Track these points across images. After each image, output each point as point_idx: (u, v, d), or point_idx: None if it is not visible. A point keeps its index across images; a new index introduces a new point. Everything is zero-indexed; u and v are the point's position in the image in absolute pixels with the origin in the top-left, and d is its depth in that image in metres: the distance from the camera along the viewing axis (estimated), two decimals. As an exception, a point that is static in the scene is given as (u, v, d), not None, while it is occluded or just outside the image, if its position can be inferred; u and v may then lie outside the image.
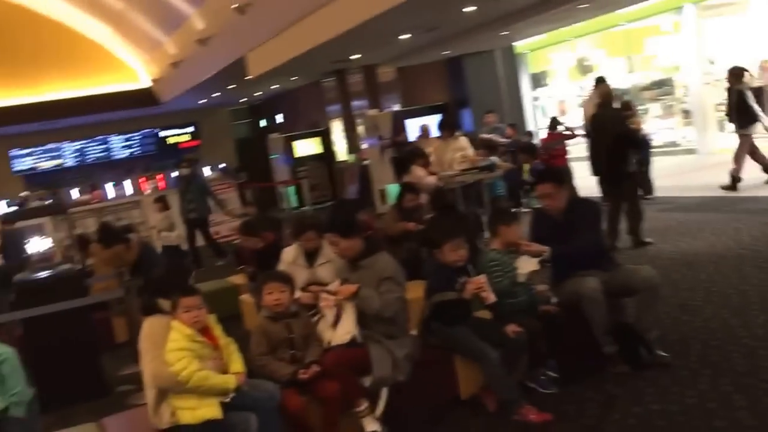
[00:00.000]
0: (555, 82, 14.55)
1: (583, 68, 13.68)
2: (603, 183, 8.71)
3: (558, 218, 5.08)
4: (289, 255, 6.02)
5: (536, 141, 12.59)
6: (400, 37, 11.73)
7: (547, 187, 5.08)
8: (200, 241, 12.55)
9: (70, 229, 7.16)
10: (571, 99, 13.89)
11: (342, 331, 4.57)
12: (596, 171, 8.69)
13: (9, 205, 21.42)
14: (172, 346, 3.99)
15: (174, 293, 4.13)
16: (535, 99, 15.09)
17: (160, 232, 12.03)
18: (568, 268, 4.94)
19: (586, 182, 11.10)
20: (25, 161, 22.48)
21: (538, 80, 14.97)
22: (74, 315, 6.33)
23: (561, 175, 5.28)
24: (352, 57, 13.98)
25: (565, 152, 11.26)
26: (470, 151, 11.04)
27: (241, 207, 13.02)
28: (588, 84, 12.28)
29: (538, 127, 15.03)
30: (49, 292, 6.41)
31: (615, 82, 10.30)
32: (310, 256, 5.86)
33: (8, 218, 7.26)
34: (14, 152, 22.25)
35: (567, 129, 11.61)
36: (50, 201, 19.64)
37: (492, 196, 10.39)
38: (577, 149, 11.58)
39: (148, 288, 4.78)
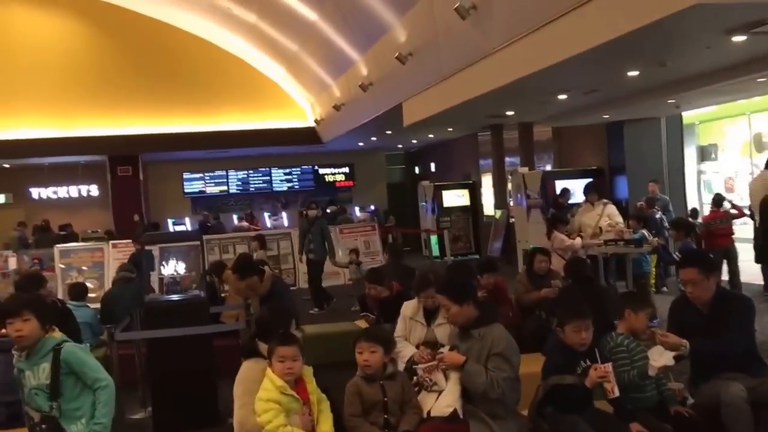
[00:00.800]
0: (725, 157, 13.44)
1: (760, 145, 12.54)
2: None
3: (702, 309, 4.40)
4: (409, 309, 5.73)
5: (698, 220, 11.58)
6: (558, 97, 11.25)
7: (691, 272, 4.39)
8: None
9: (201, 256, 7.15)
10: (741, 176, 12.78)
11: (444, 402, 4.15)
12: (764, 258, 7.72)
13: (175, 224, 22.62)
14: (263, 395, 3.76)
15: (272, 339, 3.88)
16: (701, 173, 14.02)
17: None
18: (709, 367, 4.26)
19: (748, 266, 10.17)
20: (194, 185, 23.54)
21: (706, 153, 13.90)
22: (196, 341, 6.29)
23: (710, 262, 4.56)
24: (508, 113, 13.59)
25: (730, 231, 10.31)
26: (618, 219, 10.36)
27: (349, 255, 12.78)
28: (760, 162, 11.24)
29: (701, 202, 13.94)
30: (176, 315, 6.42)
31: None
32: (430, 314, 5.50)
33: (144, 240, 7.35)
34: (187, 175, 23.33)
35: (733, 207, 10.63)
36: (215, 223, 20.46)
37: (638, 272, 9.57)
38: (741, 230, 10.59)
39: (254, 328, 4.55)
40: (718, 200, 10.76)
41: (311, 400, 3.85)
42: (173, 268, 6.86)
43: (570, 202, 12.51)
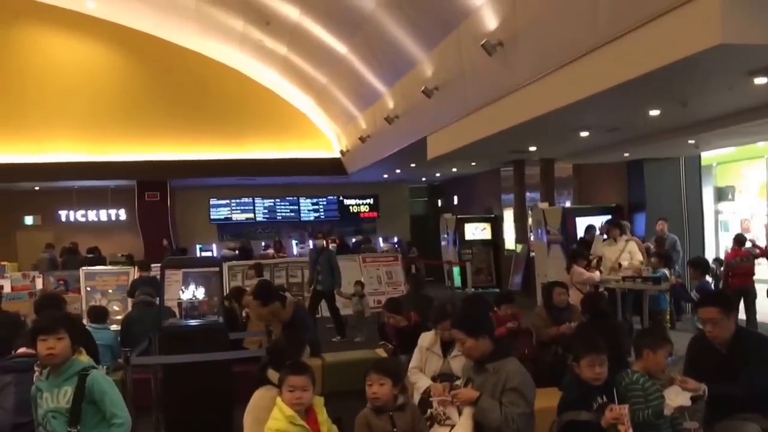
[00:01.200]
0: (742, 198, 13.28)
1: (776, 187, 12.40)
2: None
3: (720, 349, 4.29)
4: (426, 340, 5.66)
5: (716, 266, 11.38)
6: (580, 134, 11.18)
7: (711, 311, 4.31)
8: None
9: (221, 282, 7.12)
10: (757, 218, 12.62)
11: (455, 437, 4.04)
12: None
13: (202, 250, 22.72)
14: (272, 425, 3.70)
15: (283, 368, 3.81)
16: (718, 213, 13.86)
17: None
18: (725, 407, 4.14)
19: (761, 306, 10.01)
20: (221, 211, 23.65)
21: (723, 194, 13.75)
22: (212, 366, 6.24)
23: (730, 301, 4.47)
24: (530, 148, 13.55)
25: (751, 271, 10.13)
26: (639, 256, 10.24)
27: (354, 287, 12.68)
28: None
29: (717, 241, 13.75)
30: (192, 340, 6.37)
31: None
32: (447, 346, 5.43)
33: (165, 264, 7.34)
34: (213, 202, 23.45)
35: (755, 246, 10.45)
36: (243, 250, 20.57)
37: (654, 308, 9.42)
38: (758, 270, 10.40)
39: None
40: (740, 239, 10.61)
41: (321, 431, 3.77)
42: (192, 293, 6.80)
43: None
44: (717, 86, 7.65)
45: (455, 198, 23.70)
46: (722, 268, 10.85)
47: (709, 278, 8.01)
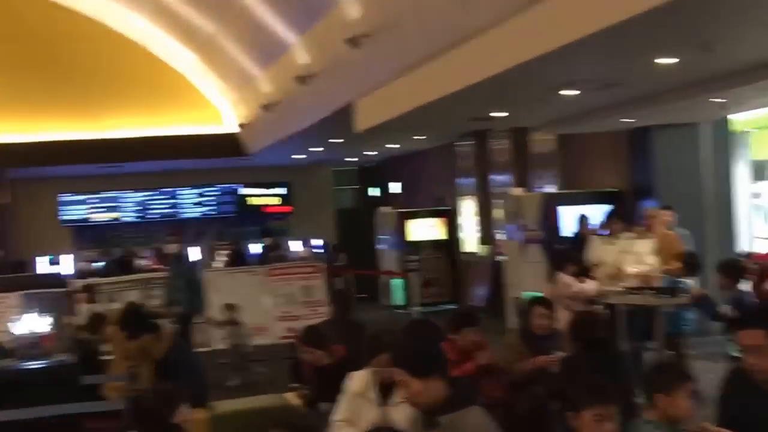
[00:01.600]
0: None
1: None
2: None
3: (765, 385, 4.18)
4: (357, 383, 5.57)
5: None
6: (563, 92, 11.18)
7: (756, 335, 4.19)
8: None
9: (70, 309, 6.91)
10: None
11: None
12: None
13: (52, 262, 22.16)
14: None
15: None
16: (756, 196, 14.03)
17: None
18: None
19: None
20: (75, 210, 23.46)
21: (762, 170, 13.93)
22: (64, 422, 6.23)
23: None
24: (496, 115, 13.53)
25: None
26: (651, 259, 10.21)
27: (225, 311, 12.35)
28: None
29: (751, 233, 13.92)
30: (35, 388, 6.53)
31: None
32: (385, 390, 5.31)
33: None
34: (65, 198, 23.13)
35: None
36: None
37: (673, 331, 9.42)
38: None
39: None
40: None
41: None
42: (28, 325, 6.59)
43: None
44: (755, 21, 7.57)
45: (396, 185, 23.81)
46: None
47: (745, 286, 7.87)
